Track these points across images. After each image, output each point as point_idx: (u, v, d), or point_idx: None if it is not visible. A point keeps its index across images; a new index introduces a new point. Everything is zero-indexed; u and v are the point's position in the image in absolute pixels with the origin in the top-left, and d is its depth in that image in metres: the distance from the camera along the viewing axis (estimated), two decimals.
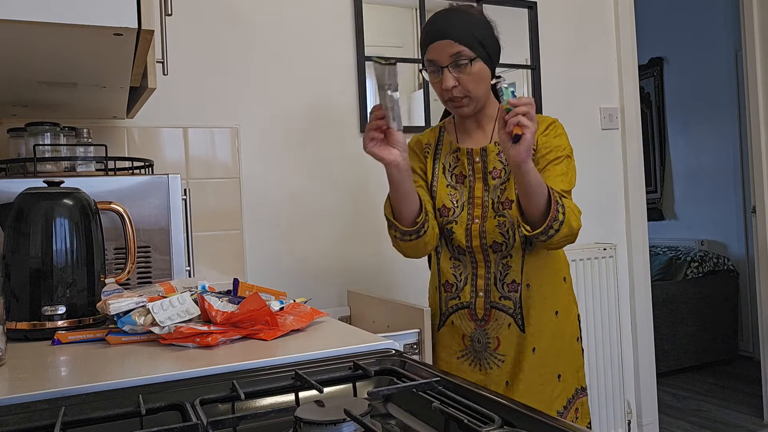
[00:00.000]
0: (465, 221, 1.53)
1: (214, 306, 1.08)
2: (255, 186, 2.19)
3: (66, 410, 0.73)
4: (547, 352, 1.52)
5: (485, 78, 1.48)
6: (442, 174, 1.59)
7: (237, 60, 2.17)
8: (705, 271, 4.21)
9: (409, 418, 0.79)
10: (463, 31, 1.44)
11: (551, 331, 1.53)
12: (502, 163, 1.52)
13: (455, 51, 1.44)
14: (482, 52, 1.46)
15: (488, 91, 1.53)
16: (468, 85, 1.46)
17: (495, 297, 1.53)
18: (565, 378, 1.54)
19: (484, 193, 1.53)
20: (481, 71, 1.46)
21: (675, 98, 4.87)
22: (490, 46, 1.48)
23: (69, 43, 1.01)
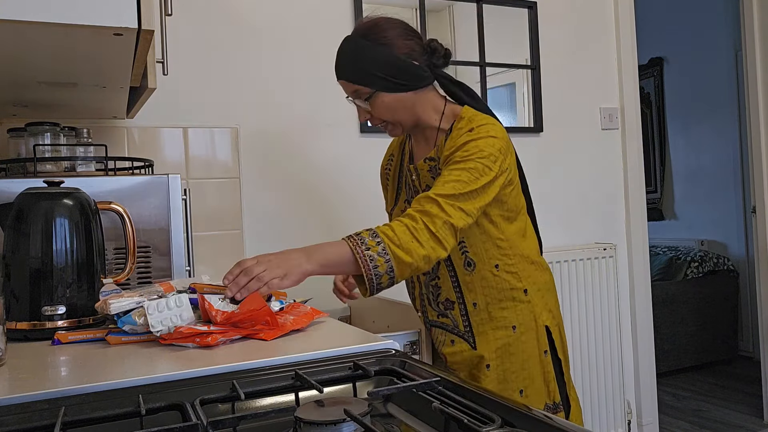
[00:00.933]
0: None
1: (215, 306, 1.08)
2: (255, 186, 2.19)
3: (66, 410, 0.73)
4: (504, 368, 1.45)
5: (397, 104, 1.39)
6: (404, 189, 1.55)
7: (237, 60, 2.17)
8: (705, 271, 4.21)
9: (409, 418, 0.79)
10: (353, 69, 1.37)
11: (507, 347, 1.45)
12: (434, 179, 1.43)
13: (352, 90, 1.40)
14: (381, 84, 1.36)
15: (414, 110, 1.42)
16: (380, 115, 1.41)
17: (433, 316, 1.52)
18: (529, 393, 1.45)
19: None
20: (386, 101, 1.38)
21: (675, 98, 4.87)
22: (391, 72, 1.35)
23: (69, 43, 1.01)
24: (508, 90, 2.70)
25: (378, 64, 1.35)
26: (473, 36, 2.57)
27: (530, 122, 2.68)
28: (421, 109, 1.44)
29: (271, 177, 2.21)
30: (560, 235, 2.73)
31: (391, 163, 1.61)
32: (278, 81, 2.23)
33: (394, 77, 1.37)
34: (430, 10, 2.49)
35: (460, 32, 2.56)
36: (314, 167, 2.28)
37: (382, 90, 1.37)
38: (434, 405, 0.72)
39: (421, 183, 1.47)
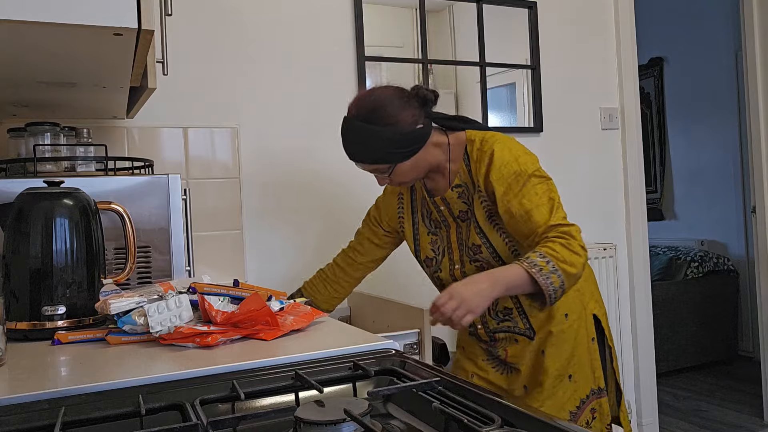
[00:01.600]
0: (448, 267, 1.58)
1: (215, 306, 1.08)
2: (255, 186, 2.19)
3: (66, 410, 0.73)
4: (557, 354, 1.54)
5: (413, 166, 1.47)
6: (422, 222, 1.62)
7: (237, 60, 2.17)
8: (705, 271, 4.21)
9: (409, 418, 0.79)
10: (369, 154, 1.43)
11: (560, 333, 1.55)
12: (465, 203, 1.52)
13: (371, 169, 1.48)
14: (398, 157, 1.43)
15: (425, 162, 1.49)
16: (399, 179, 1.49)
17: (493, 325, 1.59)
18: (577, 379, 1.55)
19: (458, 236, 1.55)
20: (405, 169, 1.46)
21: (675, 98, 4.87)
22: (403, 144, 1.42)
23: (69, 43, 1.01)
24: (508, 90, 2.70)
25: (392, 144, 1.41)
26: (473, 36, 2.57)
27: (530, 122, 2.68)
28: (430, 156, 1.50)
29: (271, 177, 2.21)
30: None
31: (402, 201, 1.67)
32: (278, 81, 2.23)
33: (407, 148, 1.43)
34: (430, 10, 2.49)
35: (460, 32, 2.56)
36: (314, 167, 2.28)
37: (400, 161, 1.44)
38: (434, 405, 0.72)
39: (453, 210, 1.54)
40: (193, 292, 1.13)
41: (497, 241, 1.48)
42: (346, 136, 1.46)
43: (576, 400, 1.55)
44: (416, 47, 2.46)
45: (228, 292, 1.16)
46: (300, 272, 2.24)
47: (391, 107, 1.41)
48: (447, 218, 1.56)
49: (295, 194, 2.25)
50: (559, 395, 1.53)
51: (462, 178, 1.51)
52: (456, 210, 1.54)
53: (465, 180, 1.51)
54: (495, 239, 1.48)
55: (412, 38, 2.48)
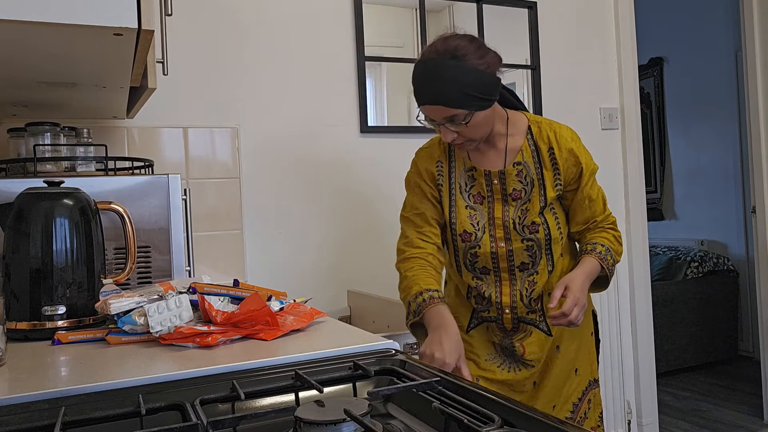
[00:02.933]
0: (488, 244, 1.50)
1: (215, 306, 1.08)
2: (255, 186, 2.19)
3: (66, 410, 0.73)
4: (568, 348, 1.58)
5: (486, 121, 1.41)
6: (459, 195, 1.52)
7: (237, 60, 2.17)
8: (705, 271, 4.21)
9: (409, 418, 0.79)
10: (453, 94, 1.33)
11: (572, 330, 1.58)
12: (522, 183, 1.49)
13: (449, 114, 1.36)
14: (478, 104, 1.36)
15: (493, 122, 1.45)
16: (468, 134, 1.41)
17: (522, 312, 1.54)
18: (581, 372, 1.60)
19: (505, 214, 1.49)
20: (479, 121, 1.39)
21: (675, 98, 4.87)
22: (485, 90, 1.36)
23: (69, 43, 1.01)
24: None
25: (476, 84, 1.33)
26: None
27: None
28: (494, 119, 1.47)
29: (271, 177, 2.21)
30: None
31: (441, 169, 1.54)
32: (278, 81, 2.23)
33: (487, 95, 1.37)
34: (430, 10, 2.49)
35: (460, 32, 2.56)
36: (314, 167, 2.28)
37: (479, 110, 1.37)
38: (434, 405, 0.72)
39: (507, 187, 1.50)
40: (193, 292, 1.13)
41: (552, 224, 1.51)
42: (427, 74, 1.34)
43: (579, 393, 1.59)
44: (416, 47, 2.46)
45: (228, 292, 1.16)
46: (300, 272, 2.24)
47: (476, 49, 1.36)
48: (495, 194, 1.50)
49: (295, 194, 2.25)
50: (566, 388, 1.58)
51: (525, 157, 1.48)
52: (510, 188, 1.49)
53: (528, 160, 1.48)
54: (551, 222, 1.51)
55: (412, 38, 2.48)
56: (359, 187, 2.34)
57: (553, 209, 1.51)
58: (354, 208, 2.34)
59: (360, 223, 2.34)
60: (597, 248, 1.49)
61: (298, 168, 2.26)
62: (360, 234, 2.34)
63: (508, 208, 1.50)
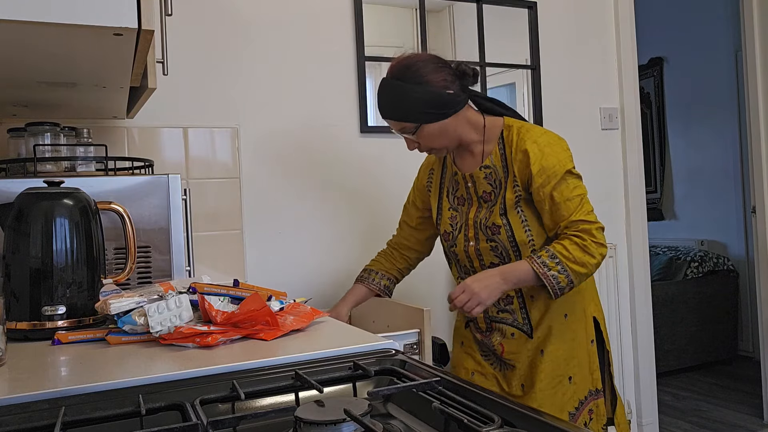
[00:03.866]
0: (462, 243, 1.61)
1: (215, 306, 1.08)
2: (255, 186, 2.19)
3: (66, 410, 0.73)
4: (557, 354, 1.56)
5: (440, 132, 1.52)
6: (446, 198, 1.67)
7: (237, 60, 2.17)
8: (705, 271, 4.21)
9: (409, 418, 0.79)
10: (397, 110, 1.50)
11: (560, 334, 1.56)
12: (492, 185, 1.57)
13: (399, 127, 1.53)
14: (424, 117, 1.49)
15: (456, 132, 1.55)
16: (427, 143, 1.54)
17: (493, 312, 1.61)
18: (576, 380, 1.56)
19: (476, 215, 1.58)
20: (431, 131, 1.51)
21: (675, 98, 4.87)
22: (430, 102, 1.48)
23: (69, 43, 1.01)
24: (508, 90, 2.70)
25: (418, 102, 1.48)
26: (473, 36, 2.57)
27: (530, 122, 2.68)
28: (462, 129, 1.56)
29: (271, 177, 2.21)
30: None
31: (432, 176, 1.73)
32: (278, 81, 2.23)
33: (434, 109, 1.49)
34: (430, 10, 2.49)
35: (460, 32, 2.56)
36: (314, 167, 2.28)
37: (425, 123, 1.50)
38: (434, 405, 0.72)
39: (477, 189, 1.59)
40: (193, 292, 1.13)
41: (517, 227, 1.52)
42: (380, 94, 1.53)
43: (575, 402, 1.56)
44: (416, 47, 2.46)
45: (228, 292, 1.16)
46: (300, 272, 2.24)
47: (423, 68, 1.49)
48: (472, 196, 1.61)
49: (295, 194, 2.25)
50: (558, 396, 1.54)
51: (493, 161, 1.56)
52: (480, 190, 1.58)
53: (496, 163, 1.56)
54: (516, 224, 1.52)
55: (412, 38, 2.48)
56: (359, 187, 2.34)
57: (521, 211, 1.53)
58: (354, 208, 2.34)
59: (360, 223, 2.34)
60: (542, 256, 1.45)
61: (298, 168, 2.26)
62: (360, 234, 2.34)
63: (480, 210, 1.58)
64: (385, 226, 2.29)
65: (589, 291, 1.64)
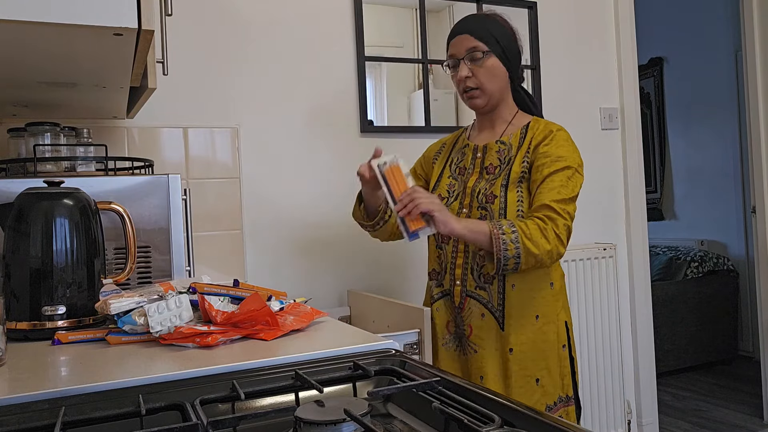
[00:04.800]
0: (456, 210, 1.60)
1: (215, 306, 1.08)
2: (255, 186, 2.19)
3: (66, 410, 0.73)
4: (525, 354, 1.53)
5: (499, 74, 1.59)
6: (448, 167, 1.70)
7: (237, 60, 2.17)
8: (705, 271, 4.21)
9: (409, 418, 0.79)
10: (481, 29, 1.56)
11: (531, 335, 1.53)
12: (500, 160, 1.59)
13: (471, 45, 1.56)
14: (497, 49, 1.57)
15: (503, 91, 1.62)
16: (481, 78, 1.58)
17: (471, 286, 1.57)
18: (544, 383, 1.53)
19: (476, 185, 1.59)
20: (494, 66, 1.58)
21: (675, 98, 4.87)
22: (507, 46, 1.58)
23: (69, 43, 1.01)
24: None
25: (502, 35, 1.57)
26: None
27: None
28: (507, 95, 1.64)
29: (271, 177, 2.21)
30: None
31: (443, 150, 1.76)
32: (278, 81, 2.23)
33: (507, 52, 1.58)
34: (430, 10, 2.49)
35: None
36: (314, 167, 2.28)
37: (495, 54, 1.57)
38: (434, 405, 0.72)
39: (485, 161, 1.62)
40: (193, 292, 1.13)
41: (512, 203, 1.53)
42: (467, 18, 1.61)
43: (542, 406, 1.53)
44: (416, 47, 2.46)
45: (228, 292, 1.16)
46: (300, 272, 2.24)
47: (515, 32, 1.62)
48: (476, 167, 1.63)
49: (295, 194, 2.25)
50: (525, 397, 1.52)
51: (510, 140, 1.61)
52: (488, 162, 1.61)
53: (513, 143, 1.60)
54: (511, 200, 1.53)
55: (412, 38, 2.48)
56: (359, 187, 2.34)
57: (520, 191, 1.54)
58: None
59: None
60: (501, 221, 1.45)
61: (298, 168, 2.26)
62: (360, 234, 2.34)
63: (480, 180, 1.59)
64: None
65: (563, 298, 1.62)
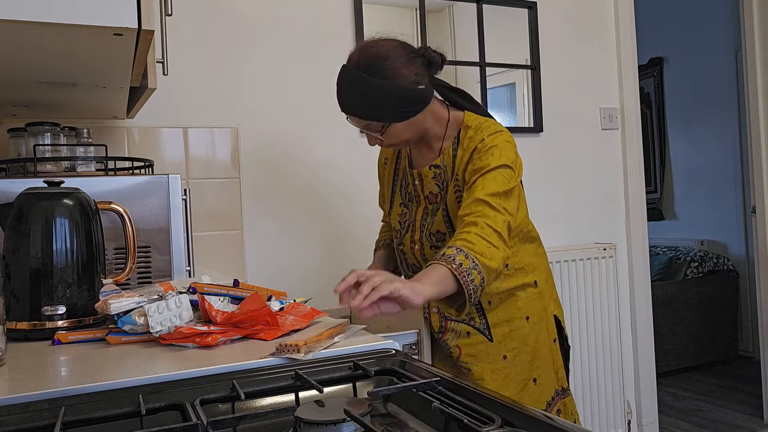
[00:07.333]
0: (409, 244, 1.53)
1: (215, 306, 1.08)
2: (255, 186, 2.19)
3: (66, 410, 0.73)
4: (520, 358, 1.48)
5: (407, 129, 1.40)
6: (398, 193, 1.57)
7: (237, 60, 2.17)
8: (705, 271, 4.21)
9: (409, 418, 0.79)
10: (364, 106, 1.35)
11: (523, 338, 1.49)
12: (438, 186, 1.46)
13: (364, 125, 1.40)
14: (393, 116, 1.36)
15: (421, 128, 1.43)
16: (391, 141, 1.42)
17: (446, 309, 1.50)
18: (542, 381, 1.51)
19: (423, 217, 1.50)
20: (398, 129, 1.39)
21: (675, 98, 4.87)
22: (401, 102, 1.35)
23: (69, 43, 1.01)
24: (508, 90, 2.70)
25: (389, 99, 1.34)
26: (473, 36, 2.57)
27: (530, 122, 2.68)
28: (428, 123, 1.44)
29: (271, 177, 2.21)
30: (560, 235, 2.73)
31: (387, 165, 1.62)
32: (278, 81, 2.23)
33: (405, 107, 1.36)
34: (430, 10, 2.49)
35: (460, 32, 2.56)
36: (314, 167, 2.28)
37: (395, 121, 1.37)
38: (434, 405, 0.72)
39: (424, 189, 1.49)
40: (193, 292, 1.13)
41: None
42: (342, 85, 1.37)
43: (542, 404, 1.50)
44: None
45: (228, 292, 1.16)
46: (301, 272, 2.24)
47: (394, 60, 1.34)
48: (419, 194, 1.50)
49: (296, 194, 2.25)
50: (525, 399, 1.48)
51: (444, 161, 1.45)
52: (426, 190, 1.48)
53: (446, 163, 1.44)
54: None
55: (412, 38, 2.47)
56: (359, 187, 2.34)
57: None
58: (354, 207, 2.34)
59: (360, 223, 2.34)
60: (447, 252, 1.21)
61: (298, 168, 2.26)
62: (360, 234, 2.34)
63: (426, 214, 1.49)
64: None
65: (549, 290, 1.56)
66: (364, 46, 1.39)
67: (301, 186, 2.26)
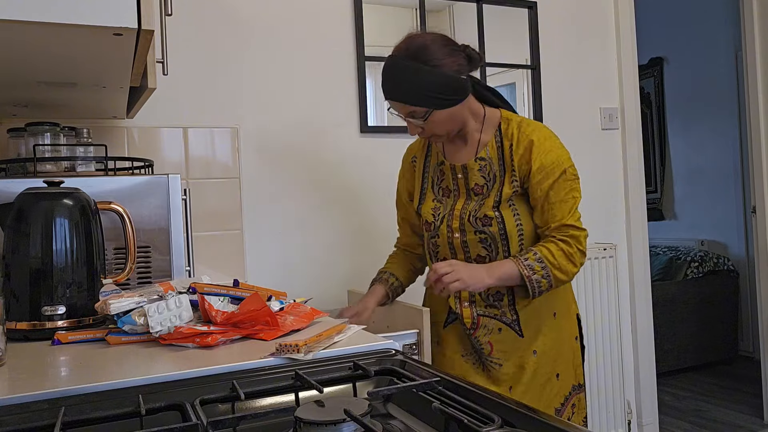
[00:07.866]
0: (445, 234, 1.56)
1: (215, 306, 1.08)
2: (255, 186, 2.19)
3: (66, 410, 0.73)
4: (547, 353, 1.55)
5: (449, 118, 1.48)
6: (430, 189, 1.63)
7: (237, 60, 2.17)
8: (705, 271, 4.21)
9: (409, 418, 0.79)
10: (410, 92, 1.43)
11: (550, 333, 1.56)
12: (485, 178, 1.53)
13: (409, 111, 1.46)
14: (437, 102, 1.43)
15: (461, 120, 1.51)
16: (432, 130, 1.49)
17: (481, 306, 1.56)
18: (563, 377, 1.56)
19: (464, 207, 1.54)
20: (440, 118, 1.46)
21: (675, 98, 4.87)
22: (445, 90, 1.43)
23: (69, 43, 1.01)
24: (508, 90, 2.70)
25: (433, 86, 1.42)
26: (473, 36, 2.57)
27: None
28: (467, 116, 1.52)
29: (271, 177, 2.21)
30: None
31: (415, 163, 1.68)
32: (278, 81, 2.23)
33: (448, 95, 1.44)
34: (430, 10, 2.49)
35: (460, 32, 2.56)
36: (314, 167, 2.28)
37: (437, 108, 1.45)
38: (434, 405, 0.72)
39: (469, 181, 1.55)
40: (193, 292, 1.13)
41: (509, 219, 1.50)
42: (389, 73, 1.45)
43: (561, 398, 1.56)
44: None
45: (228, 292, 1.16)
46: (300, 272, 2.24)
47: (439, 51, 1.42)
48: (460, 188, 1.56)
49: (295, 194, 2.25)
50: (546, 393, 1.54)
51: (489, 153, 1.53)
52: (472, 182, 1.54)
53: (492, 155, 1.52)
54: (508, 217, 1.50)
55: None
56: (359, 187, 2.34)
57: (513, 205, 1.50)
58: (354, 207, 2.34)
59: (360, 223, 2.34)
60: (529, 258, 1.45)
61: (298, 168, 2.26)
62: (360, 234, 2.34)
63: (469, 202, 1.54)
64: (385, 226, 2.29)
65: (571, 289, 1.66)
66: (410, 38, 1.46)
67: (301, 186, 2.26)
